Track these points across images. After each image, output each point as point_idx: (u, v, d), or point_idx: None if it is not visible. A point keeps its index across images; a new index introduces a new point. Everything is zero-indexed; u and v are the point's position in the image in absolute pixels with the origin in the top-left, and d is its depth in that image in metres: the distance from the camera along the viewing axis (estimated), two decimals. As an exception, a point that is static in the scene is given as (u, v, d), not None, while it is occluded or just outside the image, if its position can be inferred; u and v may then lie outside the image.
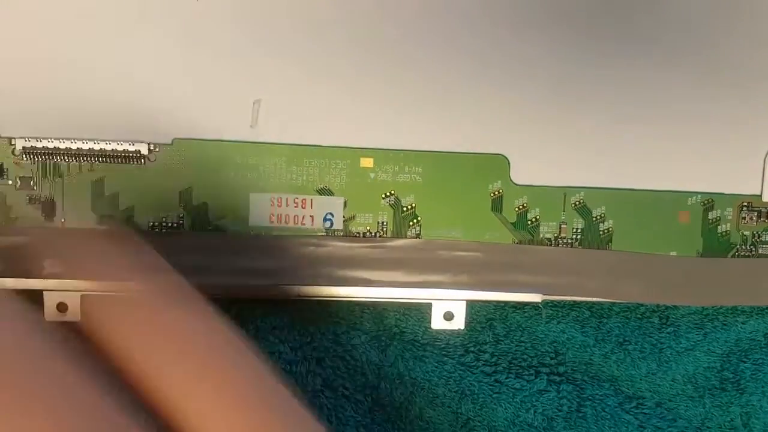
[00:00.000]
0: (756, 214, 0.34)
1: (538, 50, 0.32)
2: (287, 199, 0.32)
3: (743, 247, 0.34)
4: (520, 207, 0.33)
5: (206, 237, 0.32)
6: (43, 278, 0.31)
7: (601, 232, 0.34)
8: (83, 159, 0.31)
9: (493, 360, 0.36)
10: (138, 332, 0.22)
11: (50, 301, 0.32)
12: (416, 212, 0.33)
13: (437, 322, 0.33)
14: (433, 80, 0.32)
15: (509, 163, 0.33)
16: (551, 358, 0.36)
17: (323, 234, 0.33)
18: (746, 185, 0.34)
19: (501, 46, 0.32)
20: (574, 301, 0.35)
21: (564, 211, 0.34)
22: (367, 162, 0.33)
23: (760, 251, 0.34)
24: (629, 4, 0.33)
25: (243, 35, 0.31)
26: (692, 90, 0.33)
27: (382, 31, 0.32)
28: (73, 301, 0.32)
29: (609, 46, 0.33)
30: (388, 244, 0.33)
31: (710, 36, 0.33)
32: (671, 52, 0.33)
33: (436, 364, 0.35)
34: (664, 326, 0.36)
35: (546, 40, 0.32)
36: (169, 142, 0.32)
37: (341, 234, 0.33)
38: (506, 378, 0.35)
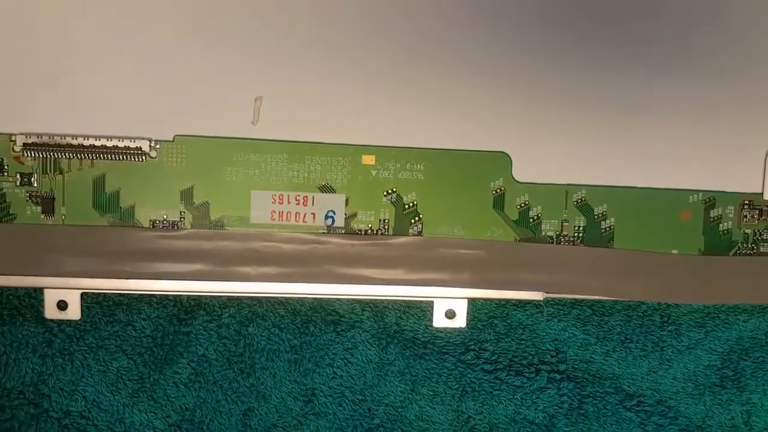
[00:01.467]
0: (757, 212, 0.34)
1: (540, 50, 0.32)
2: (288, 196, 0.32)
3: (745, 245, 0.34)
4: (522, 205, 0.33)
5: (207, 234, 0.32)
6: (44, 276, 0.31)
7: (602, 230, 0.34)
8: (84, 155, 0.31)
9: (494, 358, 0.36)
10: None
11: (50, 298, 0.32)
12: (418, 210, 0.33)
13: (439, 320, 0.33)
14: (435, 78, 0.32)
15: (511, 161, 0.33)
16: (552, 356, 0.36)
17: (324, 231, 0.33)
18: (747, 183, 0.34)
19: (504, 45, 0.32)
20: (576, 299, 0.35)
21: (566, 209, 0.33)
22: (368, 159, 0.32)
23: (761, 249, 0.34)
24: (631, 6, 0.32)
25: (244, 32, 0.31)
26: (693, 89, 0.33)
27: (385, 30, 0.32)
28: (73, 299, 0.32)
29: (611, 47, 0.33)
30: (390, 241, 0.33)
31: (711, 37, 0.33)
32: (672, 52, 0.33)
33: (436, 362, 0.35)
34: (665, 324, 0.36)
35: (549, 40, 0.32)
36: (171, 138, 0.32)
37: (342, 231, 0.33)
38: (507, 375, 0.35)
